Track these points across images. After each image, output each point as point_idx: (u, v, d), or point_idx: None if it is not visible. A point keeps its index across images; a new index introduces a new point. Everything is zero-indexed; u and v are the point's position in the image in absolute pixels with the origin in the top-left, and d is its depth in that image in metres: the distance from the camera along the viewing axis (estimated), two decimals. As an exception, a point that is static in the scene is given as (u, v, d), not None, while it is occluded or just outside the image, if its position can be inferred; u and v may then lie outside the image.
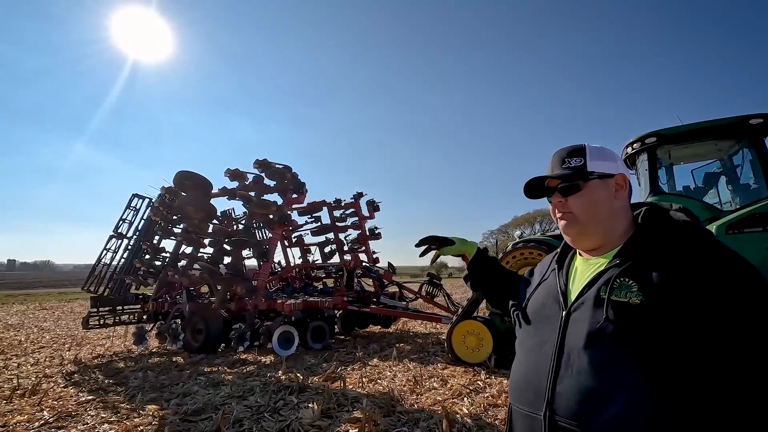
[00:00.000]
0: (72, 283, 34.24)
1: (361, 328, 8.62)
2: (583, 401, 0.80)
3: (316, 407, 3.46)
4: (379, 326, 8.83)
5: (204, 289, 8.20)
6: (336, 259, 9.60)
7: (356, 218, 9.29)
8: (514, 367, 1.03)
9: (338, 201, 9.35)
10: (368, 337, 7.86)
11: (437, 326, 8.72)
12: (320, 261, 9.85)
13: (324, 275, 9.80)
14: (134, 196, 8.35)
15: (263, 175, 7.32)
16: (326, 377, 4.64)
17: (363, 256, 9.11)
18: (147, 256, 7.89)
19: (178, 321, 6.82)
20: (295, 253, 10.25)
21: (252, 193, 7.29)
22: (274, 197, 7.42)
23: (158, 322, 7.24)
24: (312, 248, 10.02)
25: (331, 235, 9.57)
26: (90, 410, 3.68)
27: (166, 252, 8.05)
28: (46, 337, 8.19)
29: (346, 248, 9.41)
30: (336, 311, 7.62)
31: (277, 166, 7.26)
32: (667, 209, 0.95)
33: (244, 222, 8.43)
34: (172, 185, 7.42)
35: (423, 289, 8.31)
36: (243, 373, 4.95)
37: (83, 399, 4.01)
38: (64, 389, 4.37)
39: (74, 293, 22.45)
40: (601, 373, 0.80)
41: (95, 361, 5.96)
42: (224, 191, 7.38)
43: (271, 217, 7.14)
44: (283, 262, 10.09)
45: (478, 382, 4.40)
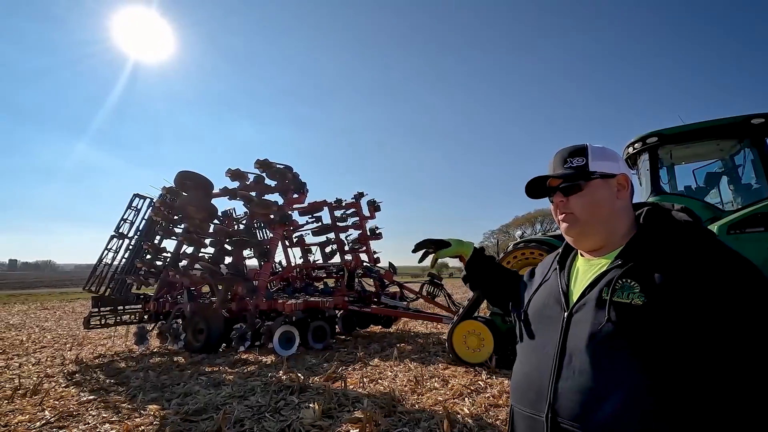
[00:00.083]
0: (73, 283, 34.28)
1: (362, 328, 8.62)
2: (585, 402, 0.80)
3: (317, 407, 3.46)
4: (380, 326, 8.84)
5: (205, 289, 8.22)
6: (337, 259, 9.61)
7: (357, 218, 9.30)
8: (516, 368, 1.03)
9: (339, 201, 9.36)
10: (369, 337, 7.86)
11: (438, 326, 8.72)
12: (321, 261, 9.85)
13: (325, 275, 9.81)
14: (135, 196, 8.37)
15: (264, 175, 7.32)
16: (327, 377, 4.64)
17: (364, 256, 9.12)
18: (148, 256, 7.90)
19: (179, 321, 6.83)
20: (296, 253, 10.29)
21: (253, 193, 7.29)
22: (275, 197, 7.44)
23: (159, 322, 7.24)
24: (313, 248, 10.03)
25: (332, 235, 9.59)
26: (91, 410, 3.68)
27: (167, 252, 8.07)
28: (48, 337, 8.20)
29: (347, 248, 9.42)
30: (337, 311, 7.62)
31: (278, 166, 7.27)
32: (669, 209, 0.94)
33: (245, 222, 8.43)
34: (173, 185, 7.44)
35: (424, 289, 8.30)
36: (244, 373, 4.95)
37: (84, 399, 4.02)
38: (66, 389, 4.38)
39: (75, 293, 22.47)
40: (603, 374, 0.79)
41: (96, 360, 5.97)
42: (225, 191, 7.39)
43: (272, 217, 7.15)
44: (284, 262, 10.10)
45: (479, 383, 4.40)
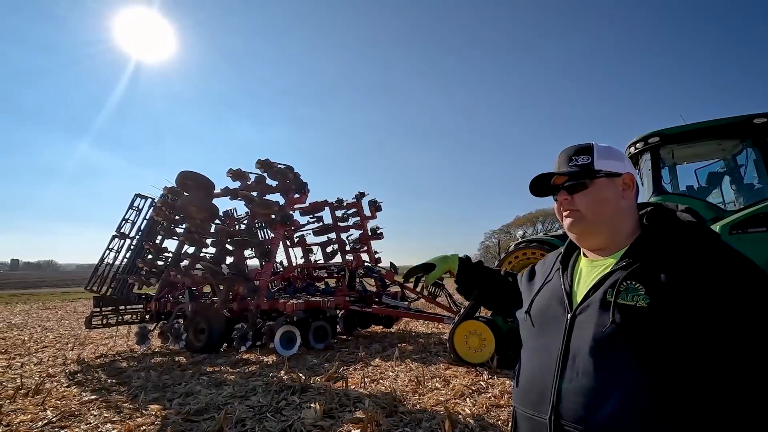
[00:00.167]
0: (75, 283, 34.32)
1: (363, 328, 8.62)
2: (589, 405, 0.80)
3: (318, 407, 3.46)
4: (381, 326, 8.83)
5: (206, 288, 8.23)
6: (338, 259, 9.60)
7: (358, 218, 9.30)
8: (518, 369, 1.02)
9: (340, 201, 9.35)
10: (370, 337, 7.86)
11: (439, 326, 8.72)
12: (322, 261, 9.85)
13: (326, 275, 9.80)
14: (137, 196, 8.39)
15: (265, 175, 7.33)
16: (328, 377, 4.64)
17: (365, 256, 9.12)
18: (149, 256, 7.90)
19: (181, 321, 6.85)
20: (297, 253, 10.29)
21: (254, 193, 7.29)
22: (276, 197, 7.45)
23: (161, 322, 7.25)
24: (314, 248, 10.02)
25: (333, 235, 9.58)
26: (93, 410, 3.69)
27: (169, 252, 8.07)
28: (50, 337, 8.21)
29: (348, 248, 9.42)
30: (338, 311, 7.63)
31: (279, 166, 7.27)
32: (673, 210, 0.94)
33: (246, 222, 8.43)
34: (175, 185, 7.44)
35: (425, 289, 8.30)
36: (245, 373, 4.95)
37: (86, 398, 4.03)
38: (67, 389, 4.39)
39: (77, 293, 22.50)
40: (608, 376, 0.79)
41: (98, 360, 5.98)
42: (226, 191, 7.40)
43: (273, 217, 7.15)
44: (285, 262, 10.09)
45: (481, 383, 4.40)
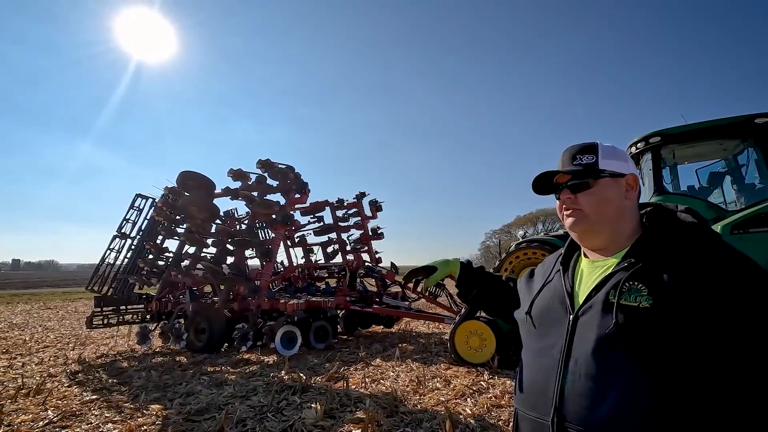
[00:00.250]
0: (76, 283, 34.34)
1: (364, 328, 8.62)
2: (591, 407, 0.79)
3: (319, 407, 3.46)
4: (381, 326, 8.82)
5: (207, 288, 8.23)
6: (339, 259, 9.60)
7: (359, 218, 9.29)
8: (520, 370, 1.02)
9: (341, 201, 9.35)
10: (371, 337, 7.86)
11: (440, 326, 8.71)
12: (323, 261, 9.85)
13: (327, 275, 9.79)
14: (137, 196, 8.39)
15: (266, 175, 7.33)
16: (329, 377, 4.64)
17: (366, 256, 9.11)
18: (150, 256, 7.91)
19: (182, 321, 6.85)
20: (297, 253, 10.28)
21: (255, 193, 7.29)
22: (277, 197, 7.44)
23: (161, 322, 7.25)
24: (315, 248, 10.01)
25: (333, 235, 9.58)
26: (94, 409, 3.70)
27: (170, 252, 8.08)
28: (51, 337, 8.23)
29: (348, 248, 9.42)
30: (339, 311, 7.62)
31: (279, 166, 7.27)
32: (673, 210, 0.93)
33: (247, 222, 8.44)
34: (176, 185, 7.44)
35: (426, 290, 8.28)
36: (246, 373, 4.96)
37: (87, 398, 4.03)
38: (68, 389, 4.39)
39: (78, 293, 22.52)
40: (610, 378, 0.79)
41: (99, 360, 5.99)
42: (227, 191, 7.40)
43: (273, 217, 7.15)
44: (285, 262, 10.10)
45: (482, 383, 4.39)
